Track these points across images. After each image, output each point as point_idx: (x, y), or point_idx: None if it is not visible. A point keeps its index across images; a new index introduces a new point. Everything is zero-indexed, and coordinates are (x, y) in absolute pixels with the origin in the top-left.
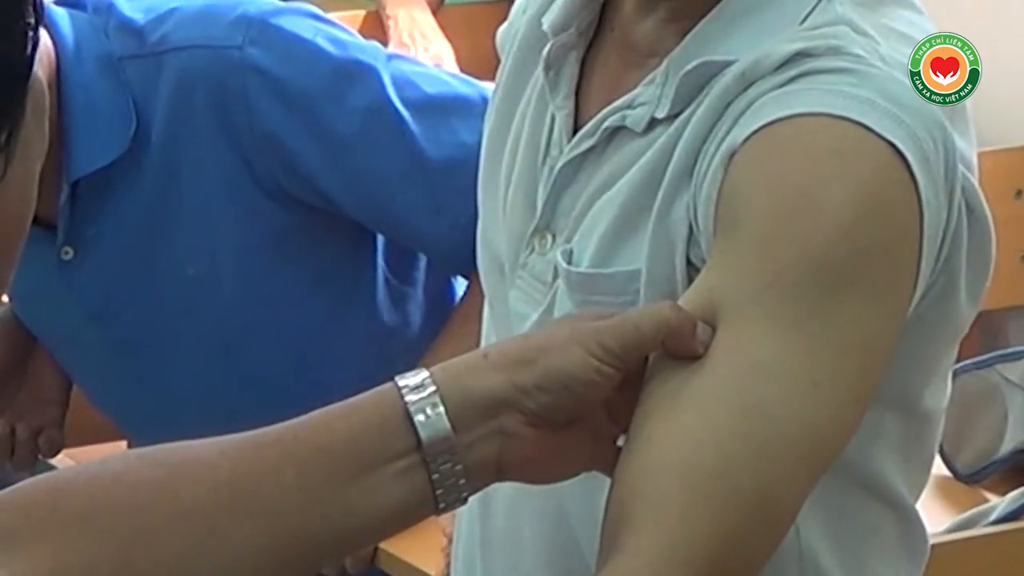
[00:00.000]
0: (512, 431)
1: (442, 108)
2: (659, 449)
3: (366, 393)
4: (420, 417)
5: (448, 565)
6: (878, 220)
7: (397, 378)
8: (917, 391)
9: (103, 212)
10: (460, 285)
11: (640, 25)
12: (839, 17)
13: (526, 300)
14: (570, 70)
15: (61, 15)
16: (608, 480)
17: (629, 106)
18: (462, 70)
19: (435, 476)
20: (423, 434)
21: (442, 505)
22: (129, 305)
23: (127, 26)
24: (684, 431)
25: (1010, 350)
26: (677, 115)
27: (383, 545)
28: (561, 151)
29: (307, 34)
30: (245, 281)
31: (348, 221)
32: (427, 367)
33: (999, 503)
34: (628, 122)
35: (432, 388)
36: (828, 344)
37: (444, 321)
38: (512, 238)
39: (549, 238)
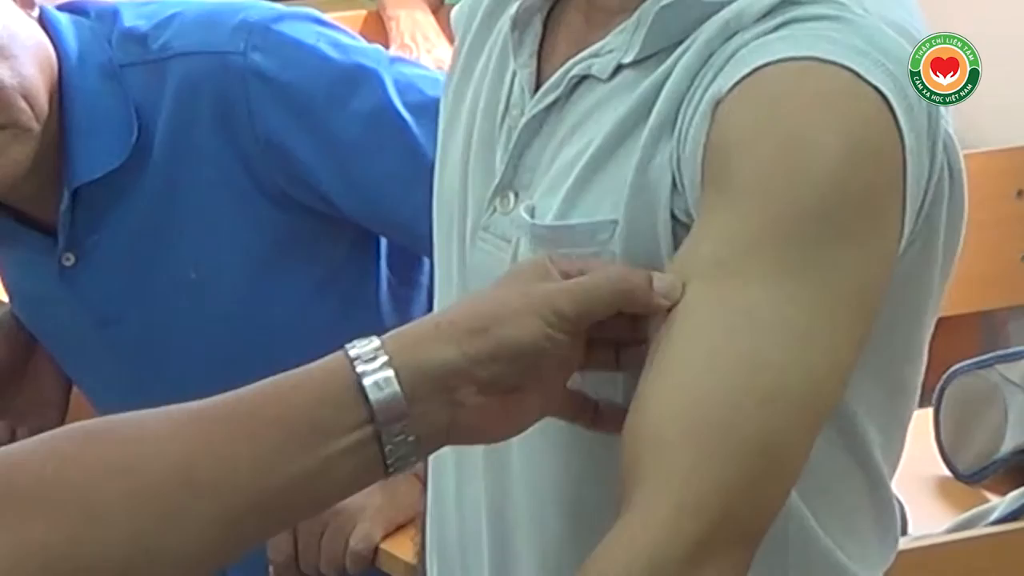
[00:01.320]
0: (464, 401)
1: None
2: (663, 404)
3: (317, 363)
4: (374, 390)
5: (417, 554)
6: (867, 166)
7: (348, 347)
8: (897, 360)
9: (104, 218)
10: None
11: None
12: None
13: (490, 261)
14: (534, 30)
15: (65, 23)
16: (582, 465)
17: (596, 55)
18: None
19: (388, 448)
20: (377, 408)
21: (391, 471)
22: (132, 309)
23: (130, 33)
24: (687, 385)
25: (1010, 350)
26: (646, 60)
27: (383, 545)
28: (522, 109)
29: (309, 39)
30: (248, 285)
31: (351, 224)
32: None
33: (999, 503)
34: (594, 70)
35: (384, 358)
36: (823, 292)
37: None
38: (473, 201)
39: (511, 196)
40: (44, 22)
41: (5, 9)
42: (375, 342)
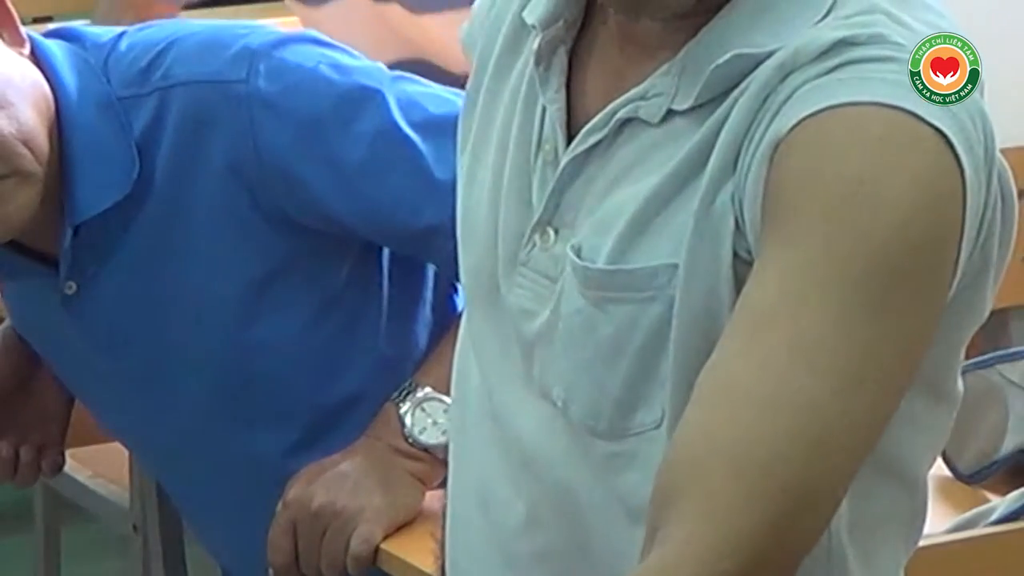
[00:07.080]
0: None
1: (448, 128)
2: (711, 441)
3: None
4: None
5: (441, 569)
6: (932, 213)
7: None
8: (944, 375)
9: (106, 248)
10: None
11: (643, 21)
12: (873, 6)
13: (532, 297)
14: (560, 63)
15: (60, 56)
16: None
17: (642, 97)
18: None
19: None
20: None
21: None
22: (134, 335)
23: (128, 64)
24: (738, 426)
25: (1011, 350)
26: (699, 107)
27: (383, 545)
28: (555, 145)
29: (309, 63)
30: (250, 309)
31: (354, 244)
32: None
33: (1000, 503)
34: (642, 113)
35: None
36: (880, 339)
37: None
38: (508, 235)
39: (551, 233)
40: (37, 55)
41: None
42: None
